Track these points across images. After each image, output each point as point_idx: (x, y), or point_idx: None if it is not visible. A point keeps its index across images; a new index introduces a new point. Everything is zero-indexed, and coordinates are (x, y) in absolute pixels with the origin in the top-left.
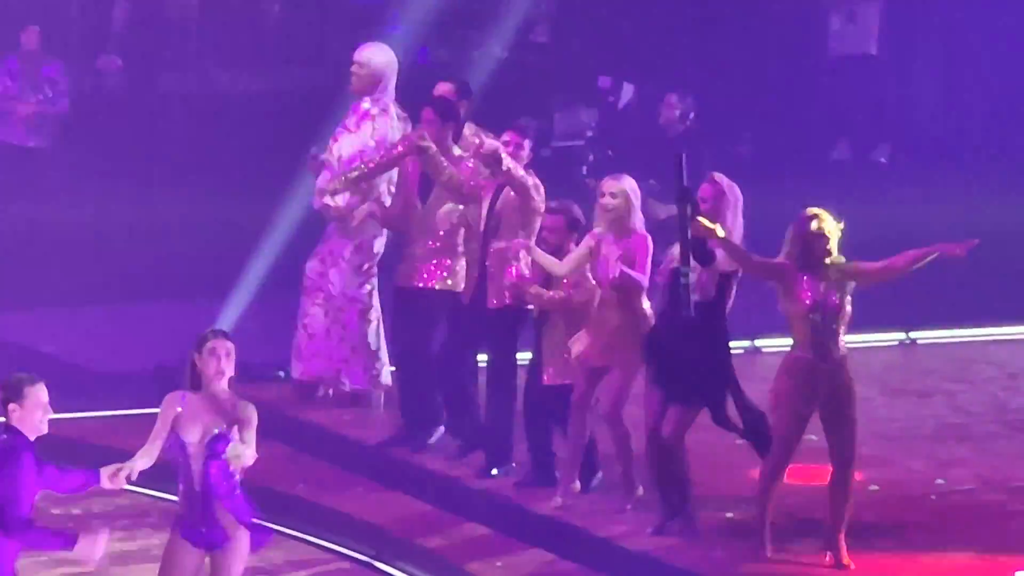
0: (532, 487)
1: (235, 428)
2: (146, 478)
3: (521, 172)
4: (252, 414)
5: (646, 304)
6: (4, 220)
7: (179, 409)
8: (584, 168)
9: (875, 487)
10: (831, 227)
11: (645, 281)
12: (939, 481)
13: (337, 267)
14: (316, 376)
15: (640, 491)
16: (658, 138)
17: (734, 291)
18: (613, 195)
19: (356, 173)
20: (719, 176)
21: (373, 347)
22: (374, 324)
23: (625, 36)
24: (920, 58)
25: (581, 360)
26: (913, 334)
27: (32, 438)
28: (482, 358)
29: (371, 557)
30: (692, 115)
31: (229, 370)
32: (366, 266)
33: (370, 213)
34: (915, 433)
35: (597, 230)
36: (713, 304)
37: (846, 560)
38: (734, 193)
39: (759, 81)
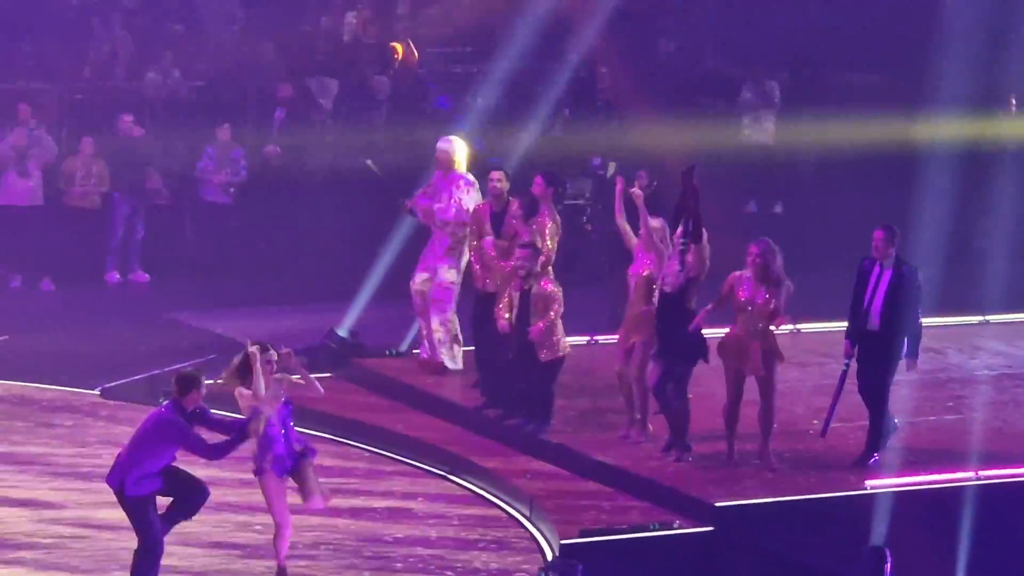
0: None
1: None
2: None
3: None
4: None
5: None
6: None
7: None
8: (584, 218)
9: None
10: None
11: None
12: (814, 422)
13: (436, 278)
14: (429, 356)
15: (651, 429)
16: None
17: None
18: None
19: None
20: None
21: (454, 332)
22: (456, 318)
23: (611, 133)
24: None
25: (619, 341)
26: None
27: (189, 410)
28: None
29: (446, 472)
30: (655, 183)
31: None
32: (456, 278)
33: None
34: (800, 388)
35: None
36: (678, 298)
37: (775, 465)
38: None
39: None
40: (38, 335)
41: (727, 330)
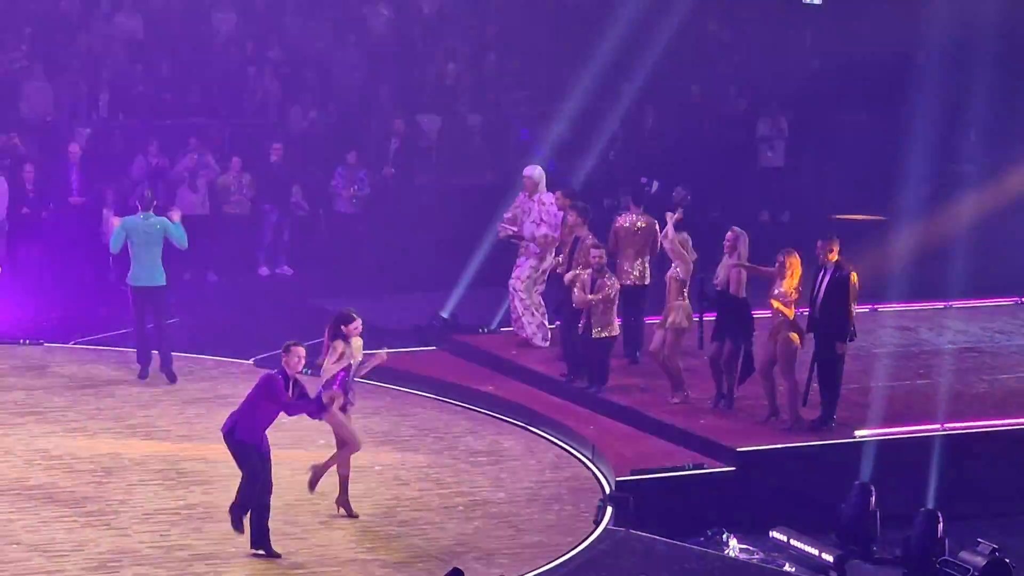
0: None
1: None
2: None
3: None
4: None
5: None
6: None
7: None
8: None
9: None
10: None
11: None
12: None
13: (521, 271)
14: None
15: (687, 393)
16: (671, 209)
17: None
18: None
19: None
20: (736, 228)
21: (537, 314)
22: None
23: (653, 157)
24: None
25: (659, 325)
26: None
27: (289, 374)
28: None
29: (526, 423)
30: (689, 197)
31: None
32: (540, 272)
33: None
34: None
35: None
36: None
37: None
38: (743, 237)
39: (723, 179)
40: (204, 317)
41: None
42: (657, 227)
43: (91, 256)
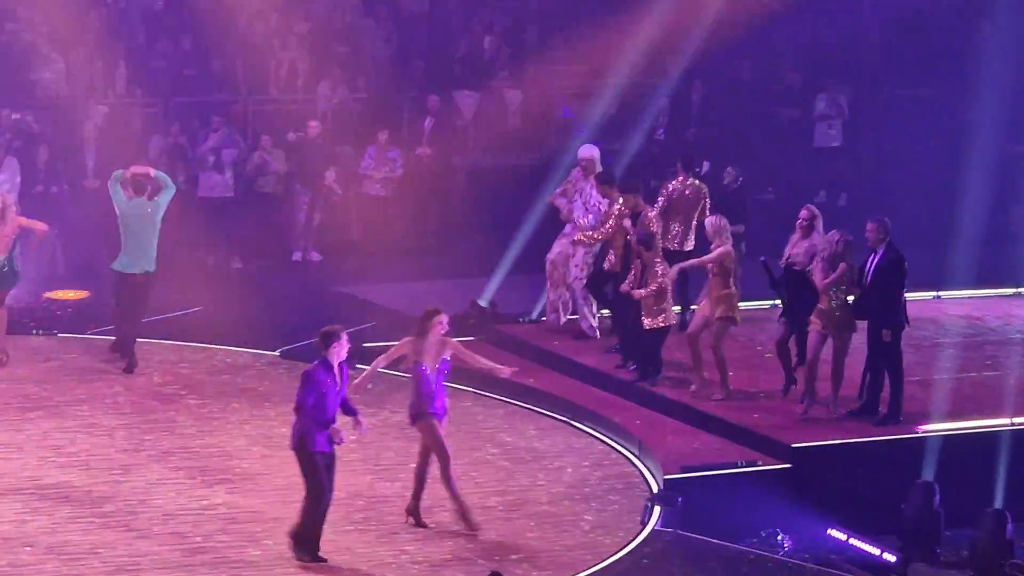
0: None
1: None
2: None
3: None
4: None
5: None
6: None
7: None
8: None
9: None
10: None
11: None
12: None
13: (574, 259)
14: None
15: (730, 388)
16: (722, 190)
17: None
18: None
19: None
20: (811, 206)
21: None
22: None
23: (703, 136)
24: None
25: (698, 312)
26: None
27: (334, 364)
28: None
29: (568, 418)
30: (740, 179)
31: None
32: (587, 256)
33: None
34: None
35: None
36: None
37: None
38: (818, 217)
39: (776, 159)
40: (228, 305)
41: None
42: (706, 193)
43: (107, 241)
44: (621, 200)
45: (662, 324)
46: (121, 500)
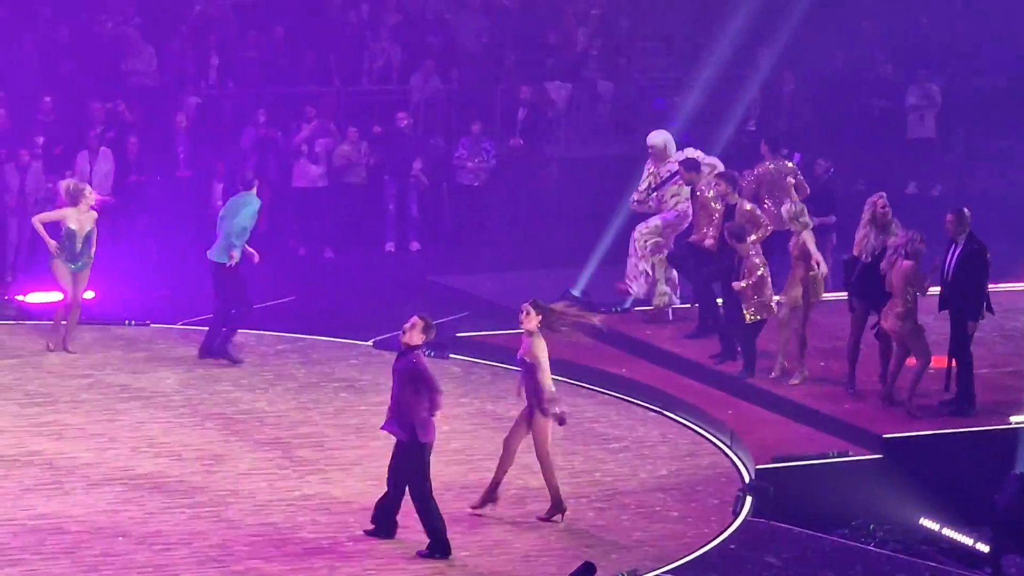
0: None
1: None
2: None
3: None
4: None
5: None
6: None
7: None
8: None
9: None
10: None
11: None
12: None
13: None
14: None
15: (806, 373)
16: (814, 181)
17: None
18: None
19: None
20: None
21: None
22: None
23: (794, 127)
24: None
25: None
26: None
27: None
28: None
29: (660, 408)
30: (831, 169)
31: (527, 323)
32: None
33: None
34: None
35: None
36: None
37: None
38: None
39: (864, 153)
40: (320, 295)
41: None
42: (795, 171)
43: (199, 232)
44: (711, 189)
45: (762, 316)
46: (213, 490)
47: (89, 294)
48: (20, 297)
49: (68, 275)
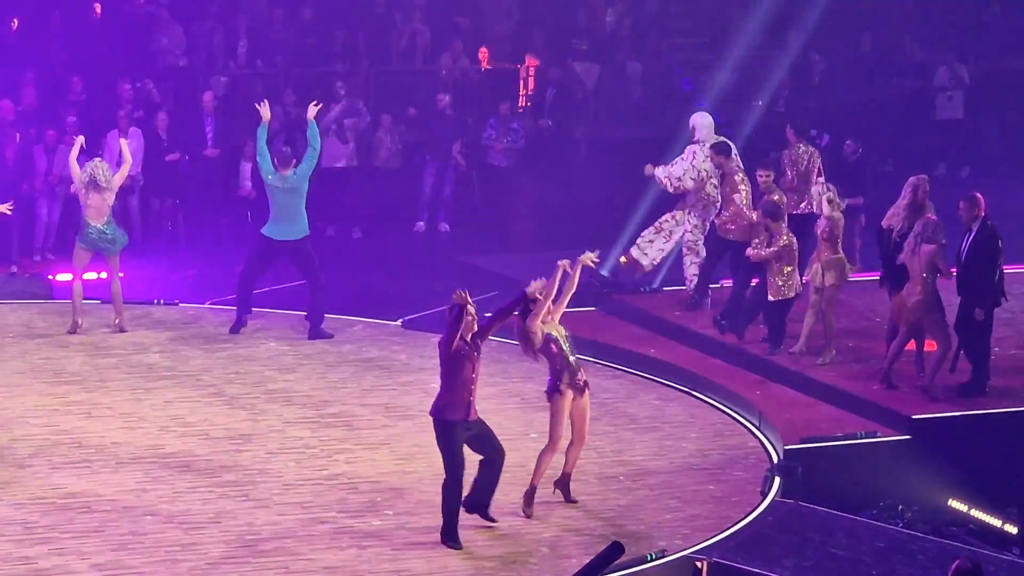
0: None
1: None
2: None
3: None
4: None
5: None
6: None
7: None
8: None
9: None
10: None
11: None
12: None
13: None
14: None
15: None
16: (842, 162)
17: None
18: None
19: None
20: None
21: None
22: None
23: (823, 108)
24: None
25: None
26: None
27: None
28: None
29: (689, 389)
30: (860, 150)
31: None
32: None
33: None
34: None
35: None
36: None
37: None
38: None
39: (893, 134)
40: (348, 275)
41: None
42: (817, 155)
43: (227, 211)
44: (740, 176)
45: (788, 295)
46: (241, 470)
47: (100, 275)
48: (51, 277)
49: (85, 258)
